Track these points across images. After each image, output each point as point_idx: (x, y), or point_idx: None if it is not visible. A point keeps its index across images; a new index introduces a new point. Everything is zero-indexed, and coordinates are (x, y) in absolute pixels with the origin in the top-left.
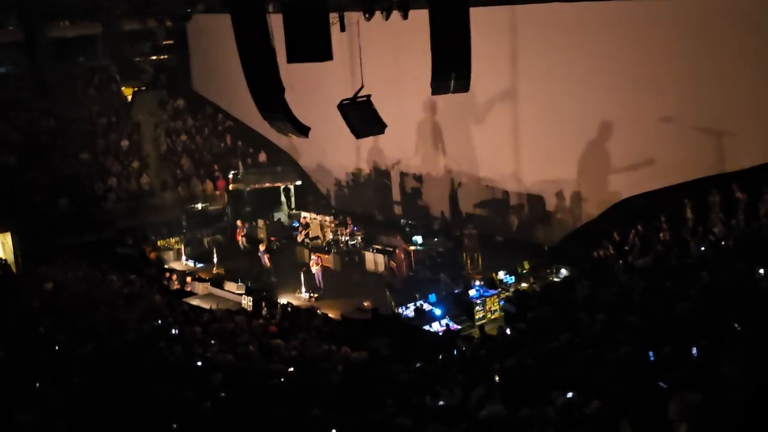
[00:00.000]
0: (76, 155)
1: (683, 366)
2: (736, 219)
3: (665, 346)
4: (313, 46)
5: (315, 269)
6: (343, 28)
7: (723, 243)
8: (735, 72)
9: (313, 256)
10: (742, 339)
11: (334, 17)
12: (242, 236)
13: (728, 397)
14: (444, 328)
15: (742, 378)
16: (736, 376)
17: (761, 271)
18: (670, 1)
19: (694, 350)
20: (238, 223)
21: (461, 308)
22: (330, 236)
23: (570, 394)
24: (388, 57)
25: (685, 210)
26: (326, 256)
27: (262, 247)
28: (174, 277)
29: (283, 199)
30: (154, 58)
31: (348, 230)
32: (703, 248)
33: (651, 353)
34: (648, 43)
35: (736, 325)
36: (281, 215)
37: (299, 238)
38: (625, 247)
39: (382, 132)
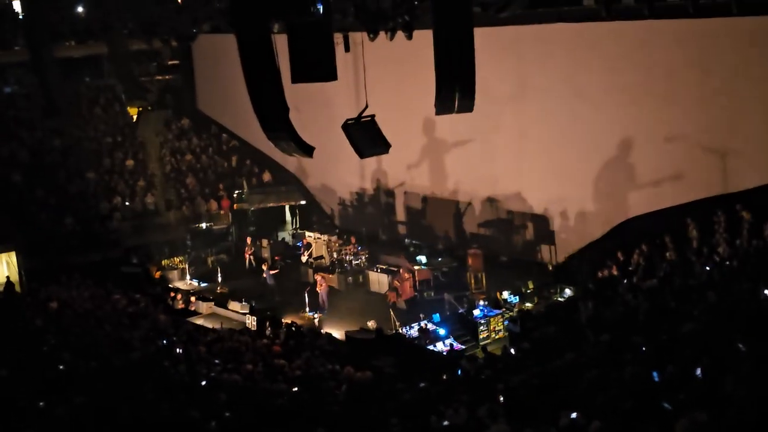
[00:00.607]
0: (82, 174)
1: (688, 386)
2: (741, 239)
3: (670, 366)
4: (317, 66)
5: (321, 288)
6: (347, 48)
7: (727, 263)
8: (740, 92)
9: (317, 276)
10: (747, 359)
11: (338, 37)
12: (250, 254)
13: (733, 417)
14: (448, 347)
15: (746, 398)
16: (741, 396)
17: (766, 291)
18: (676, 20)
19: (699, 371)
20: (248, 240)
21: (465, 328)
22: (334, 256)
23: (574, 415)
24: (393, 77)
25: (689, 230)
26: (330, 276)
27: (265, 267)
28: (178, 296)
29: (288, 218)
30: (160, 77)
31: (352, 250)
32: (707, 268)
33: (656, 373)
34: (652, 63)
35: (741, 345)
36: (285, 235)
37: (303, 258)
38: (630, 267)
39: (387, 152)
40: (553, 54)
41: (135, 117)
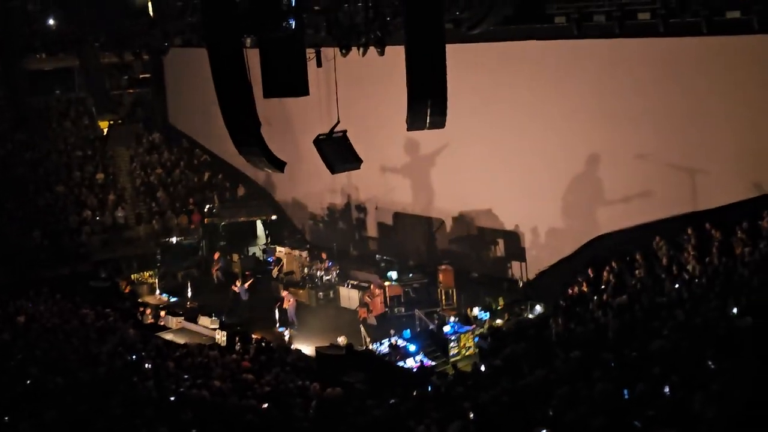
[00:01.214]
0: (51, 187)
1: (657, 404)
2: (710, 257)
3: (640, 384)
4: (289, 81)
5: (288, 305)
6: (319, 64)
7: (697, 281)
8: (709, 111)
9: (284, 292)
10: (716, 377)
11: (310, 53)
12: (217, 269)
13: None
14: (418, 364)
15: (715, 416)
16: (710, 414)
17: (734, 309)
18: (646, 40)
19: (667, 389)
20: (215, 255)
21: (436, 344)
22: (305, 271)
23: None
24: (365, 93)
25: (659, 247)
26: (301, 291)
27: (238, 283)
28: (148, 311)
29: (260, 233)
30: (131, 91)
31: (323, 265)
32: (677, 285)
33: (626, 391)
34: (623, 81)
35: (710, 363)
36: (256, 250)
37: (274, 273)
38: (601, 285)
39: (358, 167)
40: (525, 71)
41: (105, 130)
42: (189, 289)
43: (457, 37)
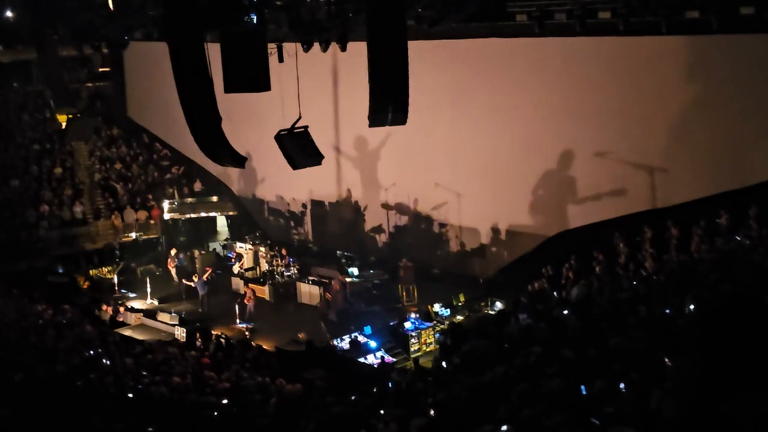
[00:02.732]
0: (8, 181)
1: (615, 401)
2: (668, 254)
3: (598, 380)
4: (251, 76)
5: (248, 301)
6: (281, 59)
7: (654, 278)
8: (668, 109)
9: (246, 288)
10: (673, 374)
11: (272, 48)
12: (173, 266)
13: None
14: (379, 360)
15: (673, 413)
16: (667, 412)
17: (691, 306)
18: (606, 38)
19: (622, 385)
20: (172, 251)
21: (396, 340)
22: (265, 267)
23: (504, 428)
24: (327, 88)
25: (617, 244)
26: (261, 287)
27: (195, 278)
28: (106, 306)
29: (220, 228)
30: (90, 84)
31: (283, 261)
32: (634, 282)
33: (583, 387)
34: (583, 80)
35: (667, 360)
36: (216, 245)
37: (235, 269)
38: (562, 281)
39: (320, 163)
40: (487, 68)
41: (64, 124)
42: (148, 285)
43: (420, 34)
